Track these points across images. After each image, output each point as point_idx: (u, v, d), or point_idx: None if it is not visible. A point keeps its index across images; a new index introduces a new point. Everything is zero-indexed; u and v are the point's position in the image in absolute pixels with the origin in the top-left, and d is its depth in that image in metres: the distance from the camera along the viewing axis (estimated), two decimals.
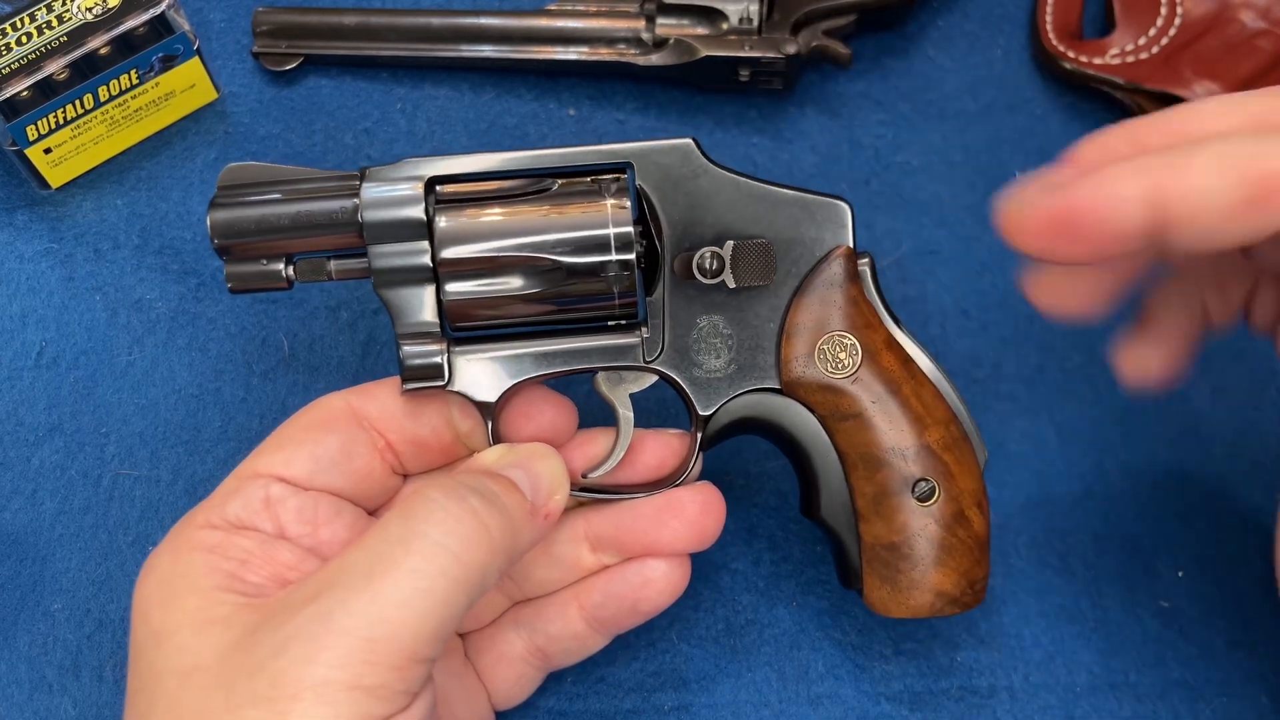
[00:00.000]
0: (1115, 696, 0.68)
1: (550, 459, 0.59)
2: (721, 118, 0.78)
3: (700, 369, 0.61)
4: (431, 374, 0.60)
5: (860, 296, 0.61)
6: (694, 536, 0.62)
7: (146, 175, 0.76)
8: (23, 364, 0.72)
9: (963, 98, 0.78)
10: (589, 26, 0.76)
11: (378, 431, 0.61)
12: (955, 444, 0.61)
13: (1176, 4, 0.76)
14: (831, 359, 0.61)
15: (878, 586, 0.62)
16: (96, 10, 0.70)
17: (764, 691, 0.68)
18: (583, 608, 0.62)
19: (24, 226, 0.75)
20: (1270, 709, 0.67)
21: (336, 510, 0.59)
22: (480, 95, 0.78)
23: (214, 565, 0.55)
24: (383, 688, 0.50)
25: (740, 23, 0.75)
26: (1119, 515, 0.71)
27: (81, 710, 0.67)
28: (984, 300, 0.74)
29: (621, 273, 0.58)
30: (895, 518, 0.61)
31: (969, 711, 0.68)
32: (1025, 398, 0.73)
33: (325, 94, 0.78)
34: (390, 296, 0.59)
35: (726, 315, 0.61)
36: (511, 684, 0.64)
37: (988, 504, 0.62)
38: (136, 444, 0.71)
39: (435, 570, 0.52)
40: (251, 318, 0.73)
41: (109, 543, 0.70)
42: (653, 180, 0.61)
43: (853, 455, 0.61)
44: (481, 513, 0.54)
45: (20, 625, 0.68)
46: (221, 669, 0.51)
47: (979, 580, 0.62)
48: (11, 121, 0.70)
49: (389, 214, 0.59)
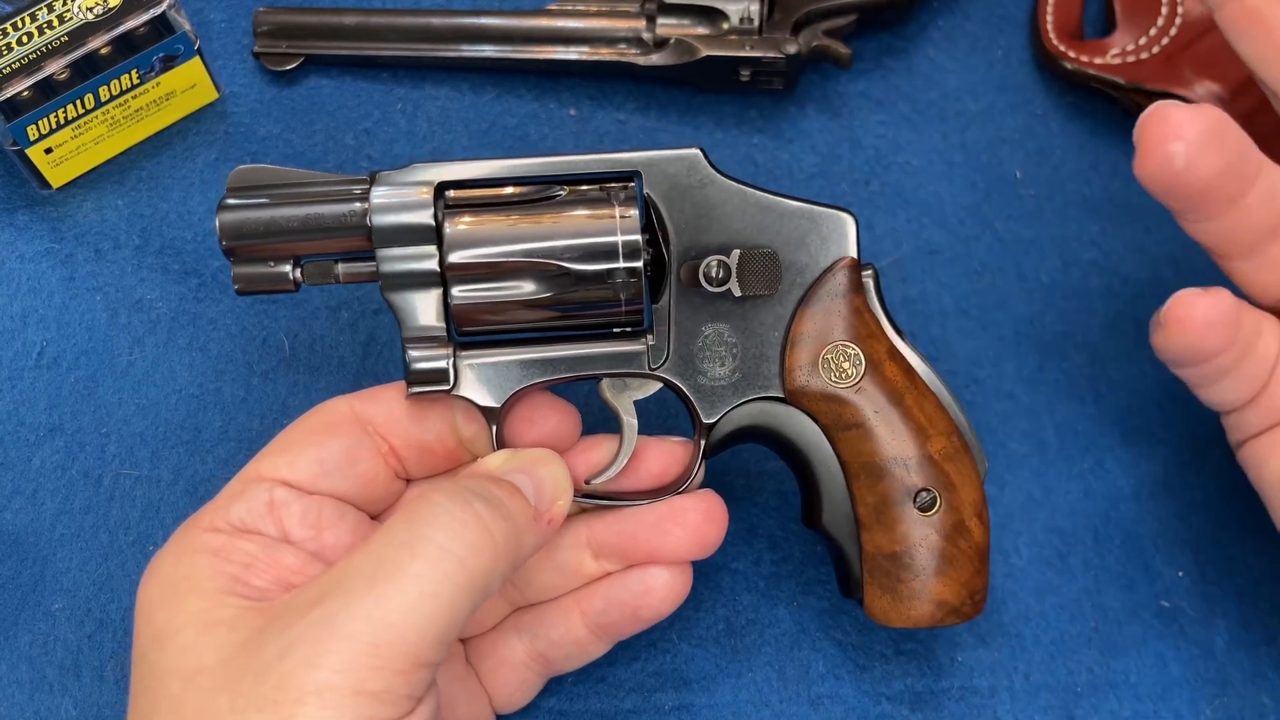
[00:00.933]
0: (1115, 696, 0.68)
1: (554, 464, 0.59)
2: (722, 118, 0.78)
3: (704, 377, 0.61)
4: (437, 378, 0.60)
5: (864, 307, 0.62)
6: (696, 544, 0.62)
7: (147, 175, 0.76)
8: (23, 364, 0.72)
9: (963, 98, 0.78)
10: (589, 26, 0.76)
11: (381, 436, 0.61)
12: (956, 454, 0.61)
13: (1177, 4, 0.76)
14: (835, 369, 0.61)
15: (879, 596, 0.62)
16: (97, 10, 0.70)
17: (764, 691, 0.68)
18: (585, 614, 0.63)
19: (24, 226, 0.75)
20: (1270, 709, 0.68)
21: (340, 514, 0.59)
22: (481, 95, 0.78)
23: (218, 568, 0.55)
24: (387, 692, 0.50)
25: (741, 23, 0.75)
26: (1119, 515, 0.71)
27: (82, 710, 0.67)
28: (984, 300, 0.74)
29: (628, 280, 0.59)
30: (896, 527, 0.61)
31: (969, 711, 0.68)
32: (1025, 398, 0.73)
33: (326, 94, 0.78)
34: (397, 300, 0.59)
35: (731, 324, 0.61)
36: (513, 688, 0.64)
37: (988, 515, 0.62)
38: (137, 444, 0.71)
39: (440, 575, 0.52)
40: (252, 318, 0.73)
41: (110, 543, 0.70)
42: (660, 189, 0.61)
43: (855, 465, 0.61)
44: (486, 518, 0.54)
45: (21, 625, 0.68)
46: (225, 672, 0.51)
47: (979, 591, 0.62)
48: (12, 121, 0.70)
49: (398, 218, 0.59)
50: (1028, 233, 0.75)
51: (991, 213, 0.75)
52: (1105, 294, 0.74)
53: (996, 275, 0.75)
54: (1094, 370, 0.73)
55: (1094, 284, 0.74)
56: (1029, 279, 0.74)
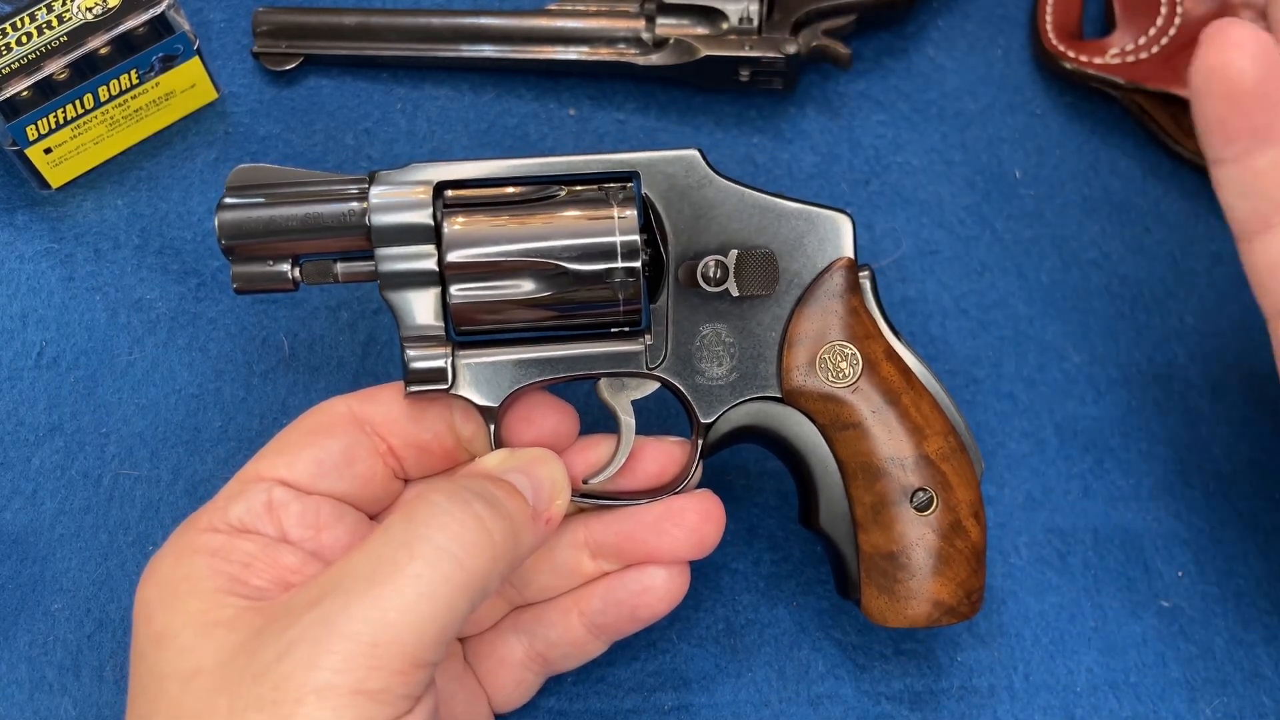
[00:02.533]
0: (1115, 696, 0.68)
1: (552, 464, 0.59)
2: (721, 118, 0.78)
3: (702, 376, 0.61)
4: (435, 377, 0.60)
5: (861, 307, 0.62)
6: (693, 544, 0.62)
7: (146, 175, 0.76)
8: (23, 364, 0.72)
9: (963, 98, 0.78)
10: (589, 26, 0.76)
11: (380, 436, 0.61)
12: (953, 455, 0.62)
13: (1176, 4, 0.76)
14: (832, 368, 0.61)
15: (876, 596, 0.62)
16: (96, 10, 0.70)
17: (764, 691, 0.68)
18: (583, 614, 0.63)
19: (24, 226, 0.75)
20: (1270, 709, 0.68)
21: (338, 514, 0.59)
22: (480, 95, 0.78)
23: (216, 568, 0.55)
24: (385, 692, 0.50)
25: (740, 23, 0.75)
26: (1119, 515, 0.71)
27: (82, 710, 0.67)
28: (984, 300, 0.74)
29: (627, 280, 0.59)
30: (894, 527, 0.61)
31: (969, 711, 0.68)
32: (1025, 398, 0.73)
33: (325, 94, 0.78)
34: (396, 299, 0.59)
35: (729, 324, 0.61)
36: (511, 688, 0.64)
37: (985, 515, 0.62)
38: (137, 444, 0.71)
39: (438, 575, 0.52)
40: (252, 318, 0.73)
41: (109, 543, 0.70)
42: (659, 189, 0.61)
43: (852, 465, 0.61)
44: (484, 517, 0.54)
45: (20, 625, 0.68)
46: (224, 672, 0.51)
47: (976, 591, 0.62)
48: (12, 121, 0.70)
49: (397, 218, 0.59)
50: (1028, 233, 0.75)
51: (991, 213, 0.75)
52: (1105, 294, 0.74)
53: (996, 275, 0.75)
54: (1094, 370, 0.73)
55: (1094, 284, 0.74)
56: (1029, 279, 0.74)
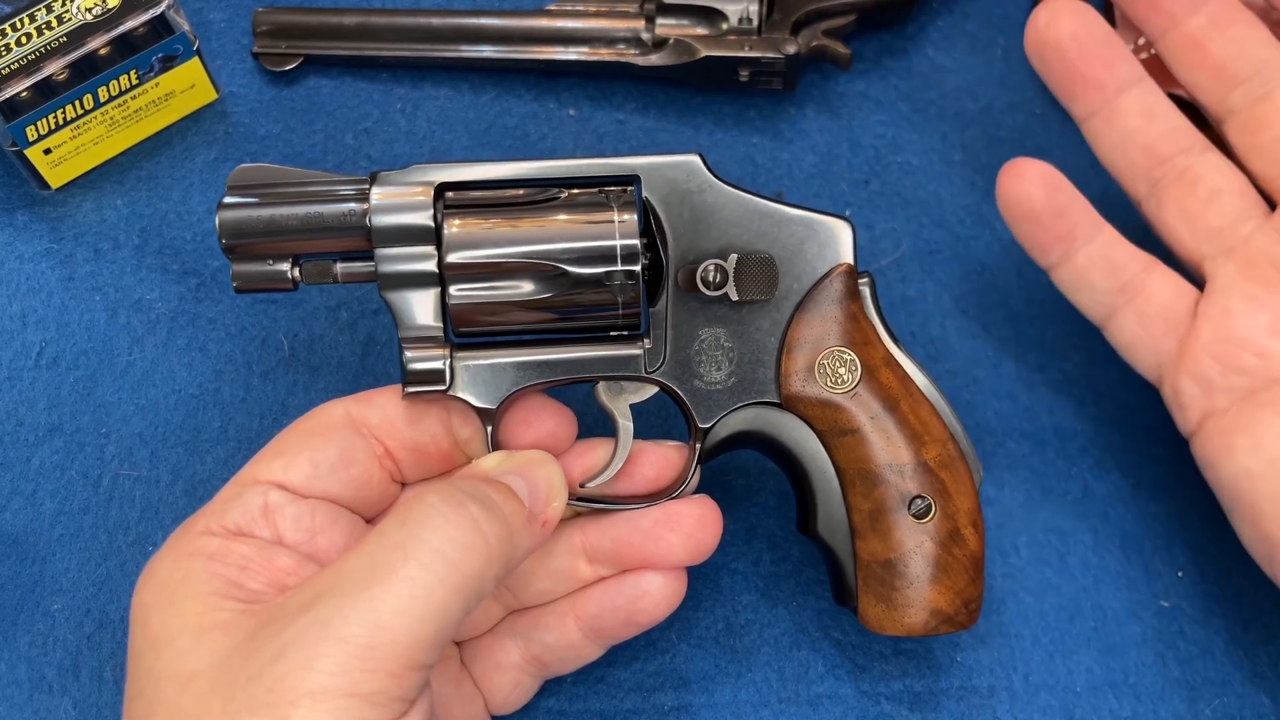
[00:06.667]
0: (1115, 696, 0.68)
1: (549, 466, 0.59)
2: (721, 118, 0.77)
3: (701, 381, 0.61)
4: (433, 379, 0.60)
5: (860, 313, 0.62)
6: (690, 550, 0.62)
7: (146, 175, 0.76)
8: (23, 364, 0.72)
9: (963, 98, 0.78)
10: (589, 26, 0.76)
11: (377, 439, 0.61)
12: (951, 462, 0.61)
13: None
14: (831, 374, 0.61)
15: (873, 604, 0.62)
16: (96, 10, 0.70)
17: (764, 691, 0.68)
18: (579, 618, 0.63)
19: (24, 227, 0.75)
20: (1270, 709, 0.68)
21: (334, 518, 0.59)
22: (480, 95, 0.78)
23: (213, 571, 0.55)
24: (380, 694, 0.50)
25: (740, 23, 0.75)
26: (1118, 514, 0.71)
27: (81, 710, 0.67)
28: (984, 300, 0.74)
29: (626, 283, 0.59)
30: (891, 534, 0.61)
31: (969, 711, 0.68)
32: (1025, 398, 0.73)
33: (325, 94, 0.78)
34: (395, 300, 0.59)
35: (728, 328, 0.61)
36: (508, 691, 0.64)
37: (983, 523, 0.62)
38: (136, 444, 0.71)
39: (433, 577, 0.52)
40: (251, 318, 0.73)
41: (109, 543, 0.70)
42: (659, 194, 0.61)
43: (850, 471, 0.61)
44: (480, 519, 0.54)
45: (20, 625, 0.68)
46: (220, 675, 0.51)
47: (973, 600, 0.62)
48: (11, 122, 0.70)
49: (398, 218, 0.59)
50: None
51: (991, 213, 0.75)
52: None
53: (996, 275, 0.75)
54: (1094, 370, 0.73)
55: None
56: (1029, 279, 0.74)
